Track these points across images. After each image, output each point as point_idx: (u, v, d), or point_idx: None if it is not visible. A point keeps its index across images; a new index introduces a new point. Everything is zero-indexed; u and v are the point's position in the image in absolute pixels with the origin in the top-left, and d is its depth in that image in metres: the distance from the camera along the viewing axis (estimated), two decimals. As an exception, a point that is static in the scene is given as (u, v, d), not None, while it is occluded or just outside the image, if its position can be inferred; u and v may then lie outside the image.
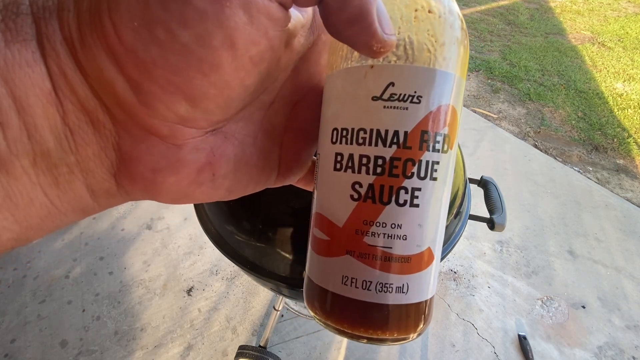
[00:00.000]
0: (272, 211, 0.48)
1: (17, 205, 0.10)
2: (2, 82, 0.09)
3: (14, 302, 1.07)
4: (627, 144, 1.89)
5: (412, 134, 0.14)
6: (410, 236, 0.14)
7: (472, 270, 1.23)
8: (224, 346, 1.00)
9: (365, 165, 0.14)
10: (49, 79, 0.10)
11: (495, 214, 0.60)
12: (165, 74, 0.10)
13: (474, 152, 1.73)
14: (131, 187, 0.13)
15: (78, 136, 0.11)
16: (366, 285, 0.14)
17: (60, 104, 0.10)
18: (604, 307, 1.15)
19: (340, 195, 0.14)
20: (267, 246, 0.49)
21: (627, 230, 1.41)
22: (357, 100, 0.14)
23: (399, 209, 0.14)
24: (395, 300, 0.14)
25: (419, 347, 1.02)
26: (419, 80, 0.13)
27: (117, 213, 1.34)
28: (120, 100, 0.11)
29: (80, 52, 0.10)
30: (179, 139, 0.12)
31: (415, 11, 0.13)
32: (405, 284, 0.14)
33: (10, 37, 0.09)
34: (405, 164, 0.14)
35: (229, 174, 0.15)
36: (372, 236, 0.14)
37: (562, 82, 2.40)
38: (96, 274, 1.15)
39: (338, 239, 0.15)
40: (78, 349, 0.98)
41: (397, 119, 0.13)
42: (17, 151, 0.10)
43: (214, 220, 0.54)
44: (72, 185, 0.12)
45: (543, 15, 3.53)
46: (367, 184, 0.14)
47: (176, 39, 0.10)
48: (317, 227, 0.16)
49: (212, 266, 1.19)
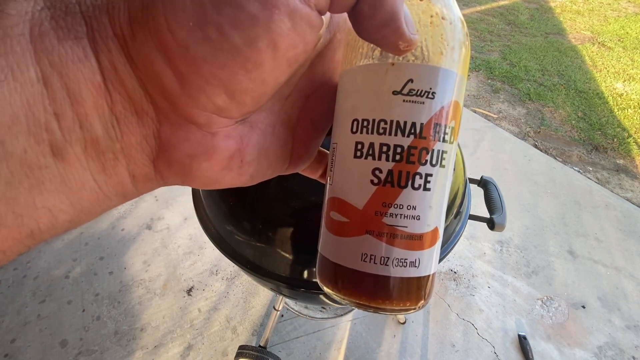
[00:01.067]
0: (272, 211, 0.48)
1: (71, 189, 0.11)
2: (58, 76, 0.10)
3: (14, 302, 1.07)
4: (627, 144, 1.89)
5: (427, 126, 0.15)
6: (423, 216, 0.16)
7: (472, 270, 1.23)
8: (224, 346, 1.00)
9: (385, 153, 0.15)
10: (99, 73, 0.11)
11: (495, 214, 0.60)
12: (212, 69, 0.11)
13: (474, 152, 1.73)
14: (168, 172, 0.14)
15: (123, 125, 0.12)
16: (384, 261, 0.16)
17: (109, 95, 0.11)
18: (604, 307, 1.15)
19: (360, 181, 0.16)
20: (267, 246, 0.49)
21: (627, 230, 1.41)
22: (379, 94, 0.15)
23: (414, 192, 0.16)
24: (409, 274, 0.16)
25: (419, 347, 1.02)
26: (433, 78, 0.15)
27: (117, 213, 1.34)
28: (165, 90, 0.12)
29: (132, 47, 0.11)
30: (213, 127, 0.13)
31: (431, 17, 0.15)
32: (417, 259, 0.16)
33: (62, 34, 0.10)
34: (420, 152, 0.15)
35: (254, 161, 0.16)
36: (390, 217, 0.16)
37: (562, 82, 2.40)
38: (96, 274, 1.15)
39: (357, 220, 0.16)
40: (78, 349, 0.98)
41: (414, 112, 0.15)
42: (71, 139, 0.11)
43: (214, 220, 0.54)
44: (117, 171, 0.13)
45: (543, 15, 3.53)
46: (387, 170, 0.15)
47: (227, 39, 0.11)
48: (334, 211, 0.17)
49: (212, 266, 1.19)
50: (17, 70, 0.10)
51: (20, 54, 0.10)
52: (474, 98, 2.21)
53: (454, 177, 0.52)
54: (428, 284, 0.17)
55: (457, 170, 0.54)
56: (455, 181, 0.53)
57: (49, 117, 0.10)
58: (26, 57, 0.10)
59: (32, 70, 0.10)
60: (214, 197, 0.53)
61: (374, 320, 1.07)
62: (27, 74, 0.10)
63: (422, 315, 1.09)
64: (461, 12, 0.16)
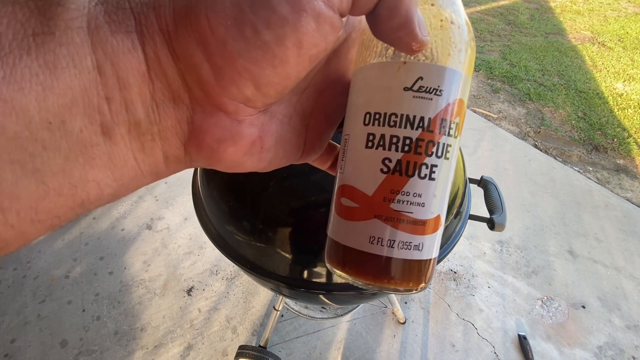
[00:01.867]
0: (272, 211, 0.48)
1: (115, 166, 0.13)
2: (110, 65, 0.12)
3: (14, 302, 1.07)
4: (627, 144, 1.89)
5: (434, 120, 0.16)
6: (427, 204, 0.17)
7: (472, 270, 1.23)
8: (224, 346, 1.00)
9: (395, 144, 0.17)
10: (145, 63, 0.12)
11: (495, 214, 0.60)
12: (245, 64, 0.13)
13: (474, 152, 1.73)
14: (197, 155, 0.15)
15: (162, 110, 0.14)
16: (390, 243, 0.17)
17: (152, 83, 0.13)
18: (604, 307, 1.15)
19: (371, 169, 0.17)
20: (267, 246, 0.49)
21: (627, 230, 1.41)
22: (391, 90, 0.17)
23: (420, 181, 0.17)
24: (413, 256, 0.17)
25: (419, 347, 1.02)
26: (441, 77, 0.16)
27: (117, 213, 1.34)
28: (201, 81, 0.13)
29: (175, 40, 0.12)
30: (240, 115, 0.15)
31: (440, 21, 0.16)
32: (421, 242, 0.17)
33: (115, 28, 0.12)
34: (427, 144, 0.17)
35: (272, 148, 0.17)
36: (398, 203, 0.17)
37: (562, 82, 2.40)
38: (96, 274, 1.15)
39: (367, 205, 0.17)
40: (78, 349, 0.98)
41: (423, 107, 0.16)
42: (118, 121, 0.12)
43: (214, 220, 0.54)
44: (153, 151, 0.14)
45: (543, 15, 3.53)
46: (396, 160, 0.17)
47: (260, 37, 0.12)
48: (345, 197, 0.18)
49: (212, 266, 1.19)
50: (76, 59, 0.11)
51: (80, 44, 0.11)
52: (474, 98, 2.21)
53: (454, 177, 0.52)
54: (429, 268, 0.19)
55: (457, 170, 0.54)
56: (455, 181, 0.53)
57: (101, 100, 0.12)
58: (84, 47, 0.11)
59: (89, 59, 0.11)
60: (214, 197, 0.53)
61: (374, 320, 1.07)
62: (85, 62, 0.11)
63: (422, 315, 1.09)
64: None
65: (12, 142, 0.10)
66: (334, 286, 0.49)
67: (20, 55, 0.10)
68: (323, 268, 0.48)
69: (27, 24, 0.10)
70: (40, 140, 0.11)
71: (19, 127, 0.10)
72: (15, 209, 0.11)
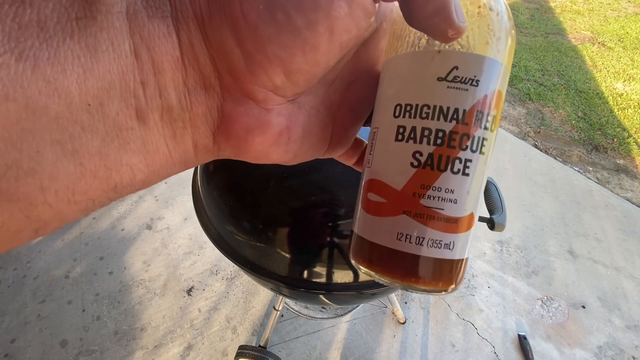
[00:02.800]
0: (272, 211, 0.48)
1: (148, 152, 0.13)
2: (146, 49, 0.12)
3: (14, 302, 1.07)
4: (627, 144, 1.89)
5: (470, 112, 0.16)
6: (460, 201, 0.16)
7: (472, 270, 1.23)
8: (224, 346, 1.00)
9: (427, 137, 0.16)
10: (179, 49, 0.12)
11: (495, 214, 0.60)
12: (275, 49, 0.13)
13: (474, 152, 1.73)
14: (225, 144, 0.15)
15: (193, 96, 0.14)
16: (419, 241, 0.16)
17: (184, 69, 0.13)
18: (604, 307, 1.15)
19: (400, 163, 0.16)
20: (267, 246, 0.49)
21: (627, 230, 1.41)
22: (423, 80, 0.16)
23: (453, 176, 0.16)
24: (443, 255, 0.16)
25: (419, 347, 1.02)
26: (478, 67, 0.15)
27: (117, 213, 1.34)
28: (232, 67, 0.13)
29: (209, 26, 0.13)
30: (269, 103, 0.15)
31: (478, 7, 0.16)
32: (452, 241, 0.16)
33: (151, 12, 0.12)
34: (461, 137, 0.16)
35: (298, 139, 0.17)
36: (428, 199, 0.16)
37: (562, 82, 2.40)
38: (96, 274, 1.15)
39: (395, 201, 0.17)
40: (78, 349, 0.98)
41: (458, 98, 0.15)
42: (152, 106, 0.13)
43: (214, 220, 0.54)
44: (184, 139, 0.14)
45: (543, 15, 3.53)
46: (428, 153, 0.16)
47: (291, 22, 0.12)
48: (372, 192, 0.18)
49: (212, 266, 1.19)
50: (115, 43, 0.11)
51: (119, 29, 0.11)
52: (474, 98, 2.21)
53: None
54: (461, 268, 0.17)
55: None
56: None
57: (137, 85, 0.12)
58: (123, 32, 0.11)
59: (127, 43, 0.11)
60: (214, 197, 0.53)
61: (374, 320, 1.07)
62: (123, 47, 0.11)
63: (422, 315, 1.09)
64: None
65: (54, 123, 0.10)
66: (334, 286, 0.49)
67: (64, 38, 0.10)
68: (323, 268, 0.48)
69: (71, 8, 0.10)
70: (80, 122, 0.11)
71: (61, 108, 0.10)
72: (54, 188, 0.11)
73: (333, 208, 0.46)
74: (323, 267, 0.48)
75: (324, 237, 0.46)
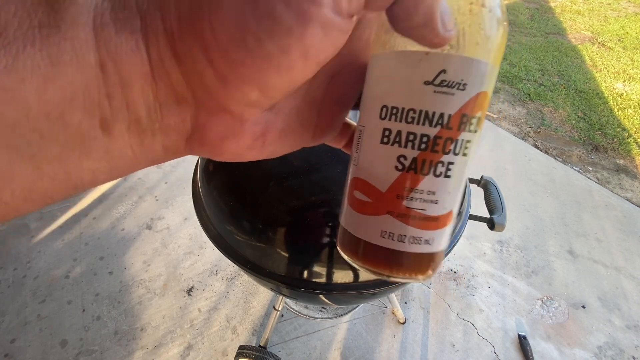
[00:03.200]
0: (272, 211, 0.48)
1: (112, 158, 0.13)
2: (112, 63, 0.12)
3: (14, 302, 1.07)
4: (627, 144, 1.89)
5: (455, 117, 0.16)
6: (441, 201, 0.17)
7: (472, 270, 1.23)
8: (224, 346, 1.00)
9: (411, 142, 0.16)
10: (148, 64, 0.12)
11: (495, 214, 0.60)
12: (248, 72, 0.12)
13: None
14: (199, 149, 0.16)
15: (165, 109, 0.13)
16: (402, 238, 0.17)
17: (155, 84, 0.13)
18: (604, 307, 1.15)
19: (385, 166, 0.17)
20: (267, 246, 0.49)
21: (627, 230, 1.41)
22: (410, 83, 0.16)
23: (435, 179, 0.16)
24: (422, 250, 0.18)
25: (419, 347, 1.02)
26: (466, 70, 0.15)
27: (117, 213, 1.34)
28: (205, 86, 0.13)
29: (179, 44, 0.12)
30: (245, 116, 0.15)
31: (470, 4, 0.15)
32: (431, 237, 0.17)
33: (120, 26, 0.12)
34: (445, 142, 0.16)
35: (275, 142, 0.17)
36: (411, 200, 0.17)
37: (562, 82, 2.40)
38: (96, 274, 1.16)
39: (380, 201, 0.17)
40: (78, 349, 0.98)
41: (444, 103, 0.15)
42: (118, 118, 0.12)
43: (214, 220, 0.54)
44: (153, 146, 0.14)
45: (543, 15, 3.53)
46: (412, 158, 0.16)
47: (263, 47, 0.12)
48: (358, 190, 0.18)
49: (212, 266, 1.19)
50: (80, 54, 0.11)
51: (84, 40, 0.11)
52: (474, 98, 2.21)
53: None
54: (438, 258, 0.19)
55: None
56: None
57: (102, 97, 0.12)
58: (88, 43, 0.11)
59: (92, 55, 0.11)
60: (214, 197, 0.53)
61: (374, 320, 1.07)
62: (87, 59, 0.11)
63: (422, 315, 1.09)
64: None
65: (9, 129, 0.10)
66: (334, 286, 0.49)
67: (24, 45, 0.10)
68: (323, 268, 0.48)
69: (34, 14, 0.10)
70: (38, 130, 0.11)
71: (18, 115, 0.10)
72: (10, 188, 0.11)
73: (333, 208, 0.46)
74: (323, 267, 0.48)
75: (324, 237, 0.46)
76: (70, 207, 1.35)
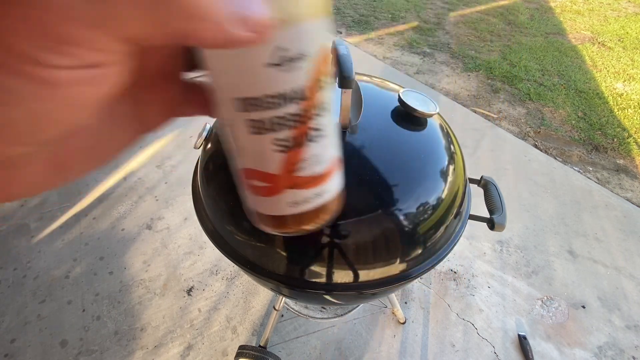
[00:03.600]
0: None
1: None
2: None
3: (14, 302, 1.07)
4: (627, 144, 1.89)
5: (309, 86, 0.16)
6: (324, 157, 0.19)
7: (472, 270, 1.23)
8: (224, 346, 1.00)
9: (281, 125, 0.16)
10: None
11: (495, 214, 0.60)
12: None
13: (474, 152, 1.73)
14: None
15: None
16: (304, 202, 0.19)
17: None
18: (604, 307, 1.15)
19: (267, 152, 0.17)
20: (267, 246, 0.49)
21: (627, 230, 1.41)
22: (254, 70, 0.15)
23: (313, 144, 0.18)
24: (324, 201, 0.20)
25: (419, 347, 1.02)
26: (300, 40, 0.15)
27: (117, 213, 1.34)
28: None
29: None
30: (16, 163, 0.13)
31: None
32: (327, 188, 0.20)
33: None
34: (309, 110, 0.16)
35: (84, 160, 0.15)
36: (302, 170, 0.18)
37: (562, 82, 2.40)
38: (96, 274, 1.16)
39: (277, 182, 0.19)
40: (78, 349, 0.98)
41: (293, 78, 0.15)
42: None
43: (214, 220, 0.54)
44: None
45: (543, 15, 3.53)
46: (287, 137, 0.17)
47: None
48: (254, 179, 0.19)
49: (212, 266, 1.19)
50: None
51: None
52: (474, 98, 2.21)
53: (454, 177, 0.52)
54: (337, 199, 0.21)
55: (457, 170, 0.54)
56: (455, 181, 0.53)
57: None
58: None
59: None
60: (214, 197, 0.53)
61: (374, 320, 1.07)
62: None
63: (422, 315, 1.09)
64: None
65: None
66: (334, 286, 0.49)
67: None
68: (323, 268, 0.48)
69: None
70: None
71: None
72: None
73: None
74: (323, 267, 0.48)
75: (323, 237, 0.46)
76: (70, 207, 1.35)
